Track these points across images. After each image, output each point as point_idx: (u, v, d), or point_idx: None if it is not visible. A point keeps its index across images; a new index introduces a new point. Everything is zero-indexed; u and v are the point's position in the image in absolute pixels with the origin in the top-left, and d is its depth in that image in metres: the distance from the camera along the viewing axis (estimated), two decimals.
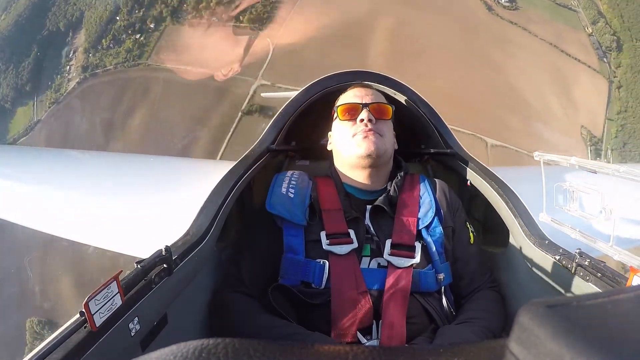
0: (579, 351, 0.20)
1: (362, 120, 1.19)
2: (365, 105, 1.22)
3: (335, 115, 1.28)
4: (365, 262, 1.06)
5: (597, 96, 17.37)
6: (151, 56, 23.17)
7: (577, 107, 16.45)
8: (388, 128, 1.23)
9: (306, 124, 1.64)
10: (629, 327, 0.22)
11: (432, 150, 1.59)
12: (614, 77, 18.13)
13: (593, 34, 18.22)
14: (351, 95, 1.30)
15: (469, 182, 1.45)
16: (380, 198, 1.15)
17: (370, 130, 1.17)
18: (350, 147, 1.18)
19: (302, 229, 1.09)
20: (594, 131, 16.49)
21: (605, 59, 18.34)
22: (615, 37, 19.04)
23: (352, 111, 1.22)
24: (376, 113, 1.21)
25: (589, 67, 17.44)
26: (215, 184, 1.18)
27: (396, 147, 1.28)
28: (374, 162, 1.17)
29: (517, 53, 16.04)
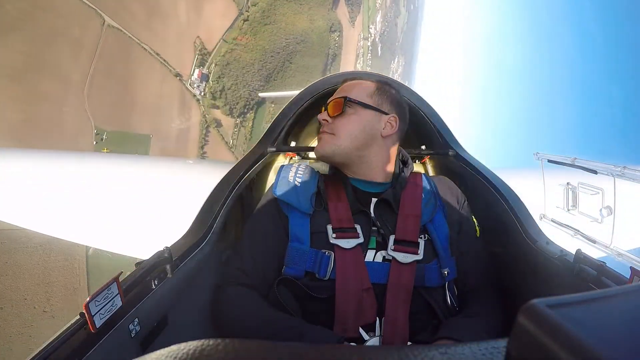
0: (579, 351, 0.20)
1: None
2: (326, 105, 1.23)
3: None
4: (370, 255, 1.05)
5: (222, 19, 20.38)
6: None
7: (201, 20, 18.86)
8: (344, 122, 1.16)
9: (306, 125, 1.64)
10: (630, 327, 0.22)
11: (432, 151, 1.59)
12: (246, 11, 22.09)
13: None
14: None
15: (469, 182, 1.45)
16: (386, 191, 1.15)
17: (322, 132, 1.20)
18: None
19: (308, 218, 1.08)
20: (206, 45, 19.45)
21: None
22: None
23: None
24: (332, 111, 1.20)
25: None
26: (215, 185, 1.18)
27: (389, 132, 1.19)
28: (332, 161, 1.19)
29: None
